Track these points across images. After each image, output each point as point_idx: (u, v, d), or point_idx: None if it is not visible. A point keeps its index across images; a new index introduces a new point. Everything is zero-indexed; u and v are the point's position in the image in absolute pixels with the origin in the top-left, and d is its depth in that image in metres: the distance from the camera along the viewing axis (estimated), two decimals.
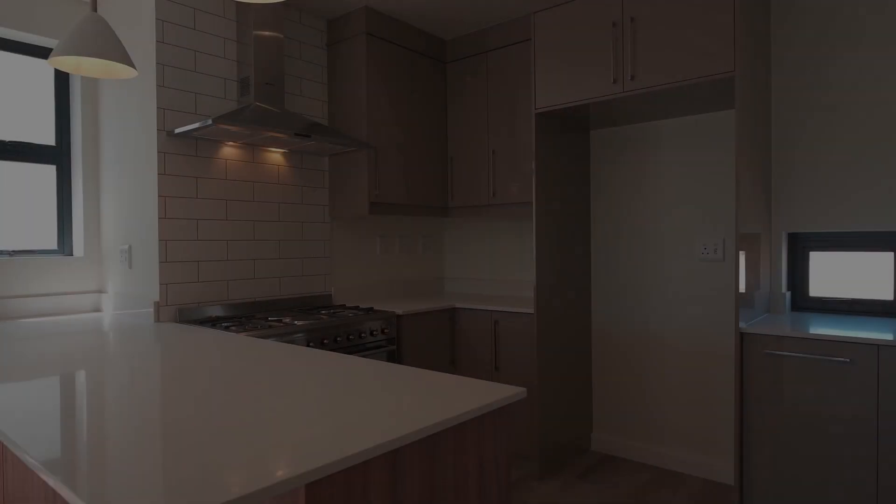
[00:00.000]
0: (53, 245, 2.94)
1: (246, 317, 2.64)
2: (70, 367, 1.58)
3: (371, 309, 2.90)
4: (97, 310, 2.95)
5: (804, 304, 2.63)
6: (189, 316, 2.57)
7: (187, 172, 2.60)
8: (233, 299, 2.76)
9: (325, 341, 2.49)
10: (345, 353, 2.57)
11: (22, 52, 2.80)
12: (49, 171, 2.93)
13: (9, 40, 2.74)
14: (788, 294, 2.62)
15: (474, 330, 3.08)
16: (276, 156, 2.94)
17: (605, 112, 2.77)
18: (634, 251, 3.03)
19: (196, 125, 2.34)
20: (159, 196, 2.51)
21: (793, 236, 2.65)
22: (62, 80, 2.93)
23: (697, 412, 2.83)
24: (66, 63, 1.92)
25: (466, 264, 3.82)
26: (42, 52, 2.84)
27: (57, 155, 2.94)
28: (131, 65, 1.90)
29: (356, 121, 3.04)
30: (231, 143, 2.73)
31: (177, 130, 2.46)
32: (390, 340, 2.81)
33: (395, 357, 2.83)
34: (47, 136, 2.91)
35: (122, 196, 2.77)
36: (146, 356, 1.73)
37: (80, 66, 1.96)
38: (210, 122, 2.25)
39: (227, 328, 2.34)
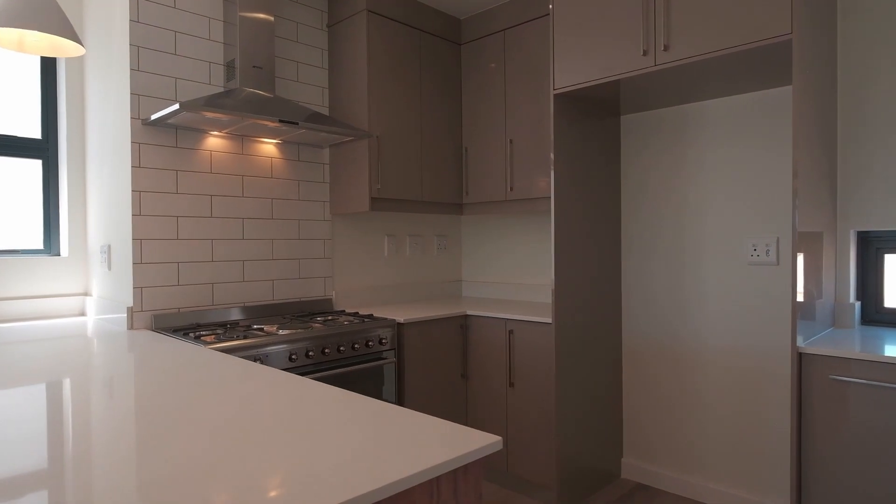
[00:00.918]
0: (40, 244, 2.77)
1: (230, 324, 2.39)
2: None
3: (370, 316, 2.61)
4: (82, 314, 2.76)
5: (877, 317, 2.19)
6: (167, 323, 2.34)
7: (166, 165, 2.37)
8: (218, 304, 2.52)
9: (311, 353, 2.21)
10: (335, 367, 2.29)
11: None
12: (36, 167, 2.76)
13: None
14: (857, 305, 2.19)
15: (488, 340, 2.76)
16: (268, 147, 2.69)
17: (636, 92, 2.39)
18: (671, 253, 2.64)
19: (166, 111, 2.10)
20: (133, 191, 2.29)
21: (863, 236, 2.22)
22: (49, 70, 2.76)
23: (745, 441, 2.42)
24: (7, 39, 1.70)
25: (485, 266, 3.49)
26: None
27: (43, 149, 2.76)
28: (79, 41, 1.67)
29: (357, 108, 2.76)
30: (216, 132, 2.49)
31: (147, 118, 2.23)
32: (389, 352, 2.52)
33: (395, 371, 2.53)
34: (34, 130, 2.74)
35: (103, 192, 2.57)
36: (77, 371, 1.48)
37: (23, 42, 1.74)
38: (177, 106, 2.01)
39: (198, 338, 2.09)
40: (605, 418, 2.71)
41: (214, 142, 2.51)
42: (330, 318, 2.63)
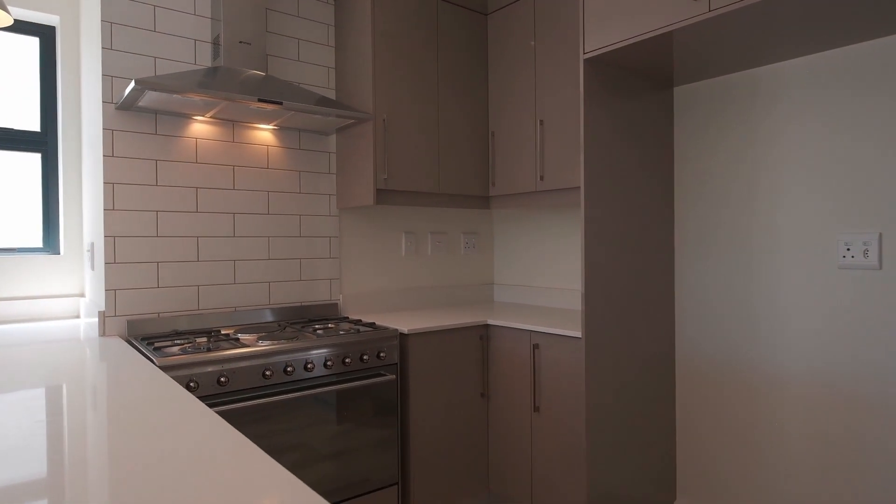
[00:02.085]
0: (39, 242, 2.63)
1: (213, 332, 2.13)
2: None
3: (373, 325, 2.28)
4: (77, 316, 2.60)
5: None
6: (143, 329, 2.10)
7: (143, 154, 2.14)
8: (205, 308, 2.26)
9: (290, 369, 1.90)
10: (318, 385, 1.97)
11: (4, 30, 2.50)
12: (35, 161, 2.63)
13: None
14: None
15: (510, 354, 2.35)
16: (262, 134, 2.41)
17: (692, 54, 1.91)
18: (738, 254, 2.13)
19: (126, 91, 1.85)
20: (105, 183, 2.06)
21: None
22: (48, 58, 2.61)
23: (834, 488, 1.88)
24: None
25: (518, 268, 3.08)
26: (29, 29, 2.53)
27: (42, 142, 2.62)
28: (6, 10, 1.43)
29: (363, 87, 2.43)
30: (200, 117, 2.23)
31: (108, 101, 2.00)
32: (390, 367, 2.17)
33: (397, 389, 2.18)
34: (33, 122, 2.60)
35: (89, 186, 2.38)
36: None
37: None
38: (133, 84, 1.75)
39: (160, 349, 1.82)
40: (653, 453, 2.23)
41: (200, 128, 2.26)
42: (331, 325, 2.32)
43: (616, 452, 2.08)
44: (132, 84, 1.76)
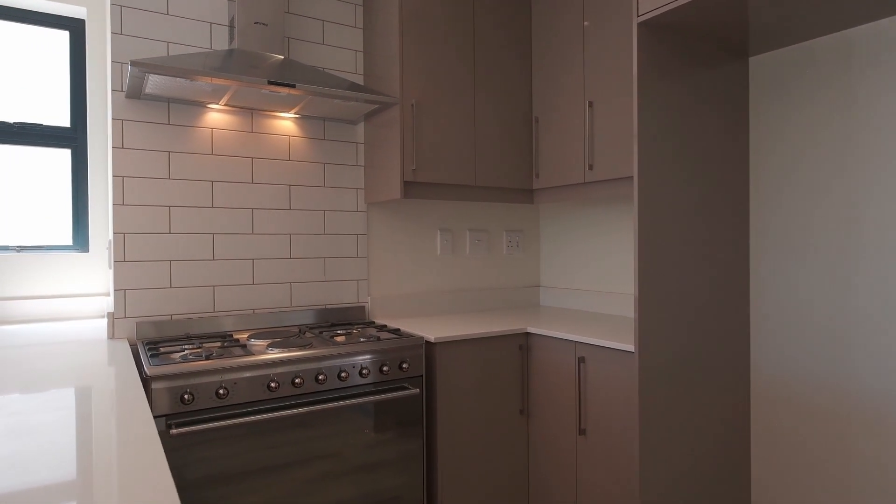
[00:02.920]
0: (69, 240, 2.58)
1: (227, 337, 1.97)
2: None
3: (398, 331, 2.06)
4: (103, 316, 2.53)
5: None
6: (153, 332, 1.97)
7: (155, 145, 2.01)
8: (221, 311, 2.11)
9: (298, 381, 1.70)
10: (330, 400, 1.76)
11: (36, 23, 2.46)
12: (65, 157, 2.57)
13: (20, 9, 2.40)
14: None
15: (553, 367, 2.07)
16: (284, 123, 2.24)
17: (771, 10, 1.57)
18: (832, 255, 1.76)
19: (128, 75, 1.71)
20: (114, 176, 1.94)
21: None
22: (78, 52, 2.55)
23: None
24: None
25: (568, 269, 2.77)
26: (58, 22, 2.48)
27: (72, 138, 2.57)
28: None
29: (391, 71, 2.21)
30: (215, 105, 2.08)
31: (118, 89, 1.87)
32: (413, 380, 1.93)
33: (422, 405, 1.94)
34: (63, 117, 2.55)
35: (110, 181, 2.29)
36: None
37: None
38: (129, 66, 1.60)
39: (158, 356, 1.67)
40: (722, 490, 1.89)
41: (216, 117, 2.11)
42: (355, 330, 2.12)
43: (676, 486, 1.76)
44: (129, 66, 1.61)
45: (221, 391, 1.57)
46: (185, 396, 1.53)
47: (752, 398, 1.98)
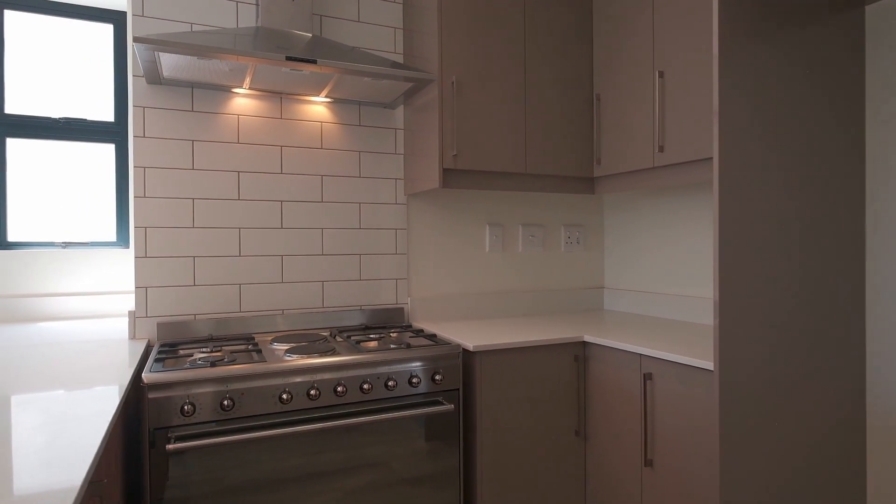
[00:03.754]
0: (113, 236, 2.54)
1: (251, 339, 1.82)
2: None
3: (434, 337, 1.83)
4: None
5: None
6: (174, 333, 1.85)
7: (178, 134, 1.89)
8: (247, 311, 1.97)
9: (314, 392, 1.50)
10: (349, 415, 1.55)
11: (81, 17, 2.43)
12: (110, 151, 2.54)
13: (65, 3, 2.38)
14: None
15: (615, 383, 1.76)
16: (314, 108, 2.06)
17: None
18: None
19: (141, 56, 1.57)
20: (135, 167, 1.83)
21: None
22: (121, 45, 2.51)
23: None
24: None
25: (632, 268, 2.44)
26: (102, 16, 2.44)
27: (116, 132, 2.53)
28: None
29: (430, 46, 1.98)
30: (240, 90, 1.93)
31: (139, 75, 1.75)
32: (448, 394, 1.69)
33: (459, 423, 1.70)
34: (107, 112, 2.51)
35: None
36: None
37: None
38: (131, 41, 1.47)
39: (165, 360, 1.53)
40: None
41: (242, 103, 1.96)
42: (393, 334, 1.91)
43: None
44: (130, 42, 1.48)
45: (226, 402, 1.40)
46: (186, 407, 1.37)
47: (868, 431, 1.59)
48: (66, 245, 2.45)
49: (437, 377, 1.66)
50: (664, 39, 1.85)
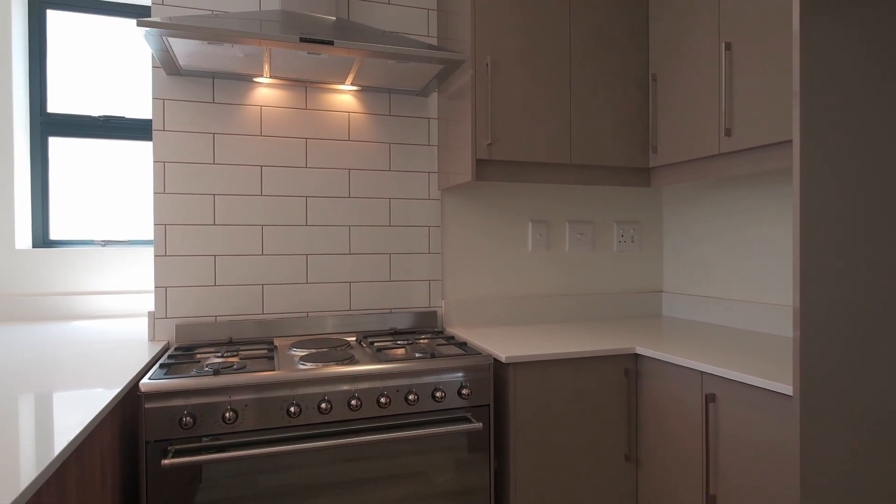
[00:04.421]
0: (151, 234, 2.51)
1: (271, 343, 1.71)
2: None
3: (464, 345, 1.65)
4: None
5: None
6: (193, 335, 1.76)
7: (198, 126, 1.80)
8: (270, 313, 1.86)
9: (325, 406, 1.36)
10: (370, 432, 1.40)
11: (117, 14, 2.41)
12: (148, 149, 2.52)
13: (105, 1, 2.37)
14: None
15: (671, 403, 1.53)
16: (341, 98, 1.93)
17: None
18: None
19: (154, 46, 1.49)
20: (155, 162, 1.76)
21: None
22: None
23: None
24: None
25: (694, 271, 2.17)
26: (144, 13, 2.42)
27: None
28: None
29: (464, 25, 1.81)
30: (263, 79, 1.83)
31: (158, 66, 1.67)
32: (476, 411, 1.51)
33: (489, 443, 1.52)
34: (146, 109, 2.49)
35: None
36: None
37: None
38: (135, 25, 1.37)
39: (168, 366, 1.43)
40: None
41: (265, 93, 1.86)
42: (423, 340, 1.76)
43: None
44: (133, 25, 1.39)
45: (228, 415, 1.28)
46: (185, 419, 1.26)
47: None
48: (106, 243, 2.44)
49: (464, 391, 1.48)
50: (732, 5, 1.59)
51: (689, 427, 1.46)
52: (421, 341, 1.77)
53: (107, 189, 2.42)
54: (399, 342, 1.72)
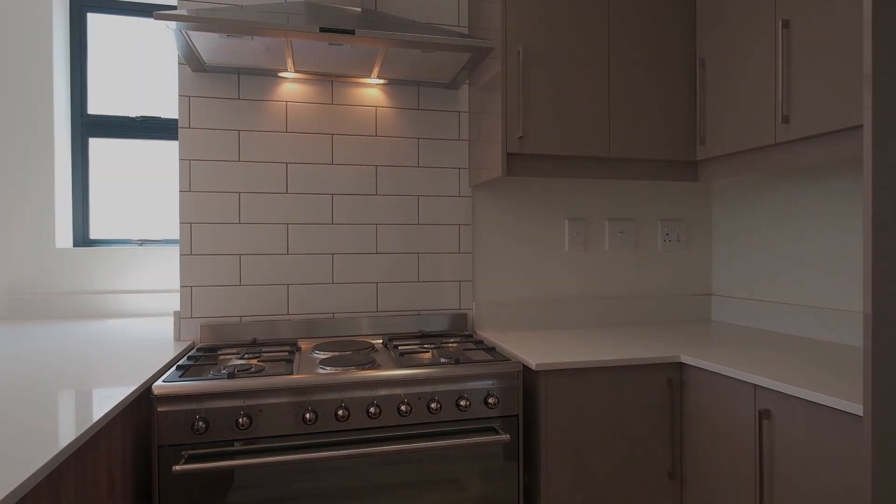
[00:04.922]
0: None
1: (294, 345, 1.67)
2: None
3: (493, 350, 1.56)
4: None
5: None
6: (218, 335, 1.73)
7: (224, 124, 1.77)
8: (295, 314, 1.81)
9: (342, 413, 1.29)
10: (389, 442, 1.33)
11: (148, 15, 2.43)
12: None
13: (137, 2, 2.39)
14: None
15: (721, 418, 1.39)
16: (368, 92, 1.87)
17: None
18: None
19: (176, 39, 1.46)
20: (181, 160, 1.74)
21: None
22: None
23: None
24: None
25: (747, 273, 2.00)
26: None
27: None
28: None
29: (493, 12, 1.71)
30: (288, 74, 1.78)
31: (184, 62, 1.64)
32: (504, 421, 1.41)
33: (519, 456, 1.42)
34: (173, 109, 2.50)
35: None
36: None
37: None
38: (152, 17, 1.34)
39: (186, 368, 1.39)
40: None
41: (290, 89, 1.81)
42: (451, 344, 1.68)
43: None
44: (151, 17, 1.36)
45: (242, 420, 1.23)
46: (198, 424, 1.21)
47: None
48: (143, 243, 2.47)
49: (491, 400, 1.39)
50: None
51: (740, 445, 1.32)
52: (449, 345, 1.69)
53: (144, 188, 2.44)
54: (426, 346, 1.64)
